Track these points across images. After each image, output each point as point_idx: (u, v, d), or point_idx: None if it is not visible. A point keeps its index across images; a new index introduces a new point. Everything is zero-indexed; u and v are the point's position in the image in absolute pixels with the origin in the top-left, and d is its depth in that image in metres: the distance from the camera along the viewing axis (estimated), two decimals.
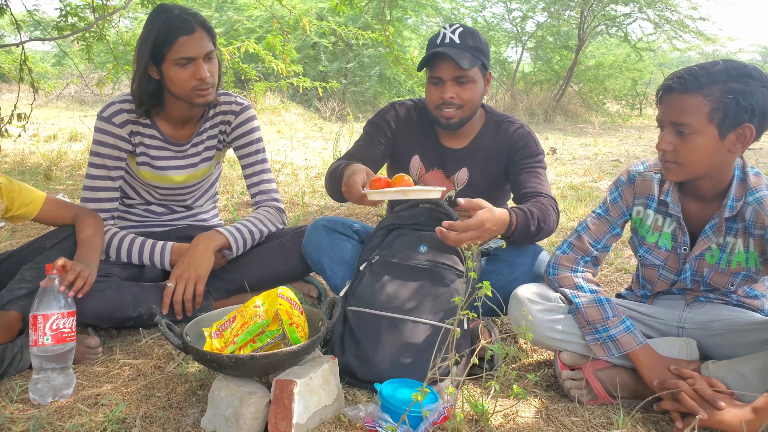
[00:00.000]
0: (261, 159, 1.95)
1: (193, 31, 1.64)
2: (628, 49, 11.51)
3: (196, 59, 1.65)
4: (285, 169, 4.70)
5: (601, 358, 1.44)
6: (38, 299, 1.37)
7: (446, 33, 1.75)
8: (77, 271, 1.46)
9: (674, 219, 1.45)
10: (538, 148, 1.85)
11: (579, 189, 4.29)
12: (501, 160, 1.87)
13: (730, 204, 1.34)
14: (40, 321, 1.34)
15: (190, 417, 1.30)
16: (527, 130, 1.88)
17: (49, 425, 1.25)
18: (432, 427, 1.23)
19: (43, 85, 5.07)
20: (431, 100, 1.80)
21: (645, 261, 1.55)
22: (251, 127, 1.92)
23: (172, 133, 1.84)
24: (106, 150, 1.77)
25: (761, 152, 6.55)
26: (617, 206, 1.55)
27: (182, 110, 1.79)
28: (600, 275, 2.46)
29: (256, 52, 4.70)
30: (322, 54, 10.61)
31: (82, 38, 4.23)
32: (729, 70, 1.23)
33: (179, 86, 1.68)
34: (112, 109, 1.77)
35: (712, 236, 1.39)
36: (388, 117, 1.93)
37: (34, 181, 3.87)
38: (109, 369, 1.53)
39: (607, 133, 8.86)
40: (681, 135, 1.28)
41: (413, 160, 1.92)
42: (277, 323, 1.29)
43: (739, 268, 1.41)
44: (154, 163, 1.84)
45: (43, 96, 8.45)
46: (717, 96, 1.23)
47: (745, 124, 1.25)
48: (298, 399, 1.20)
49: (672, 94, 1.28)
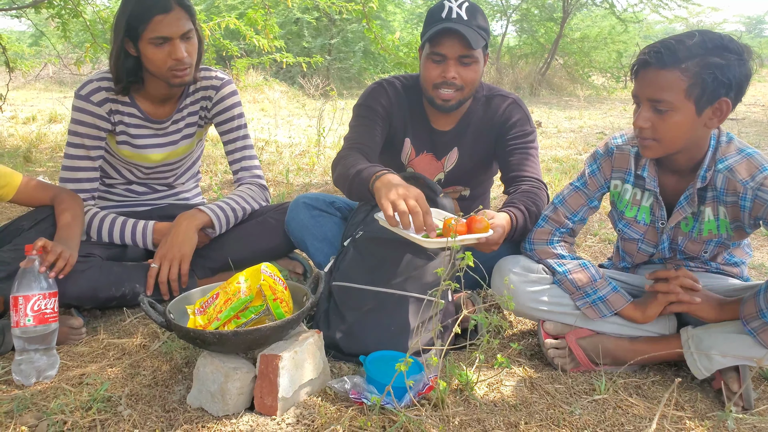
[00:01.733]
0: (243, 135, 1.92)
1: (170, 10, 1.59)
2: (614, 21, 11.44)
3: (172, 39, 1.60)
4: (269, 147, 4.66)
5: (593, 319, 1.47)
6: (18, 280, 1.35)
7: (452, 7, 1.61)
8: (58, 252, 1.44)
9: (651, 193, 1.46)
10: (531, 126, 1.78)
11: (564, 162, 4.31)
12: (491, 138, 1.79)
13: (702, 175, 1.34)
14: (21, 302, 1.33)
15: (176, 394, 1.30)
16: (520, 105, 1.80)
17: (33, 405, 1.24)
18: (416, 397, 1.25)
19: (20, 65, 4.93)
20: (429, 78, 1.66)
21: (624, 235, 1.56)
22: (232, 102, 1.89)
23: (152, 111, 1.80)
24: (85, 129, 1.74)
25: (744, 122, 6.61)
26: (595, 179, 1.55)
27: (161, 88, 1.75)
28: (584, 245, 2.49)
29: (237, 28, 4.59)
30: (305, 30, 10.42)
31: (57, 15, 4.10)
32: (705, 43, 1.21)
33: (156, 65, 1.64)
34: (90, 87, 1.72)
35: (686, 207, 1.40)
36: (382, 100, 1.79)
37: (14, 164, 3.79)
38: (93, 349, 1.52)
39: (592, 106, 8.87)
40: (658, 112, 1.26)
41: (405, 144, 1.84)
42: (260, 299, 1.28)
43: (711, 235, 1.43)
44: (133, 142, 1.81)
45: (21, 77, 8.23)
46: (694, 71, 1.21)
47: (722, 99, 1.23)
48: (283, 373, 1.20)
49: (648, 69, 1.25)
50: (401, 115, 1.81)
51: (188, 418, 1.20)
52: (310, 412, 1.23)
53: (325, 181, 3.66)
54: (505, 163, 1.76)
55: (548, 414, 1.26)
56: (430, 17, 1.67)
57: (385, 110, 1.79)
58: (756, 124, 6.59)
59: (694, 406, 1.33)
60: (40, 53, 10.96)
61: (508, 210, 1.57)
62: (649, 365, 1.48)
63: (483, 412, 1.25)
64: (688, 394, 1.38)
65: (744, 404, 1.30)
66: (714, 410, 1.31)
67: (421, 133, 1.83)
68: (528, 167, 1.72)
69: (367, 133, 1.76)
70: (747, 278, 1.55)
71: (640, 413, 1.28)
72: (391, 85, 1.83)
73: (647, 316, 1.42)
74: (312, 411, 1.23)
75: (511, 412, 1.27)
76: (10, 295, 1.34)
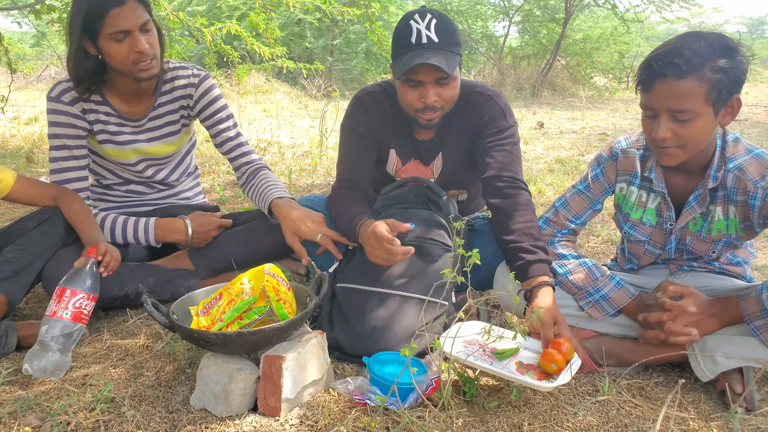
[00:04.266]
0: (233, 124, 1.91)
1: (124, 3, 1.57)
2: (616, 22, 11.43)
3: (131, 32, 1.59)
4: (272, 148, 4.66)
5: (598, 319, 1.46)
6: (73, 274, 1.42)
7: (420, 29, 1.51)
8: (111, 252, 1.54)
9: (659, 195, 1.46)
10: (508, 121, 1.67)
11: (566, 163, 4.30)
12: (470, 137, 1.73)
13: (713, 175, 1.35)
14: (67, 294, 1.38)
15: (180, 395, 1.30)
16: (497, 100, 1.69)
17: (37, 406, 1.24)
18: (420, 398, 1.24)
19: (22, 66, 4.94)
20: (408, 102, 1.59)
21: (630, 237, 1.55)
22: (214, 95, 1.87)
23: (126, 109, 1.80)
24: (62, 130, 1.74)
25: (746, 123, 6.59)
26: (599, 183, 1.54)
27: (130, 84, 1.74)
28: (586, 246, 2.49)
29: (238, 34, 4.60)
30: (307, 30, 10.44)
31: (59, 18, 4.11)
32: (712, 45, 1.21)
33: (119, 61, 1.63)
34: (59, 88, 1.73)
35: (696, 207, 1.40)
36: (363, 119, 1.74)
37: (16, 164, 3.81)
38: (96, 350, 1.52)
39: (594, 106, 8.86)
40: (680, 121, 1.25)
41: (390, 155, 1.80)
42: (264, 300, 1.28)
43: (720, 235, 1.42)
44: (115, 139, 1.80)
45: (23, 78, 8.25)
46: (710, 76, 1.21)
47: (734, 97, 1.26)
48: (286, 374, 1.20)
49: (667, 81, 1.23)
50: (384, 128, 1.76)
51: (191, 419, 1.20)
52: (313, 413, 1.22)
53: (328, 181, 3.66)
54: (482, 164, 1.66)
55: (552, 415, 1.26)
56: (398, 41, 1.56)
57: (367, 129, 1.74)
58: (758, 125, 6.57)
59: (698, 407, 1.33)
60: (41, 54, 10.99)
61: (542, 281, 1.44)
62: (652, 366, 1.48)
63: (486, 413, 1.25)
64: (692, 395, 1.38)
65: (748, 406, 1.29)
66: (718, 412, 1.31)
67: (405, 142, 1.78)
68: (509, 166, 1.62)
69: (354, 163, 1.77)
70: (750, 278, 1.55)
71: (643, 414, 1.28)
72: (371, 97, 1.75)
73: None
74: (315, 412, 1.23)
75: (515, 413, 1.26)
76: (58, 285, 1.40)
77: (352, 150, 1.77)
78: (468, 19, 12.10)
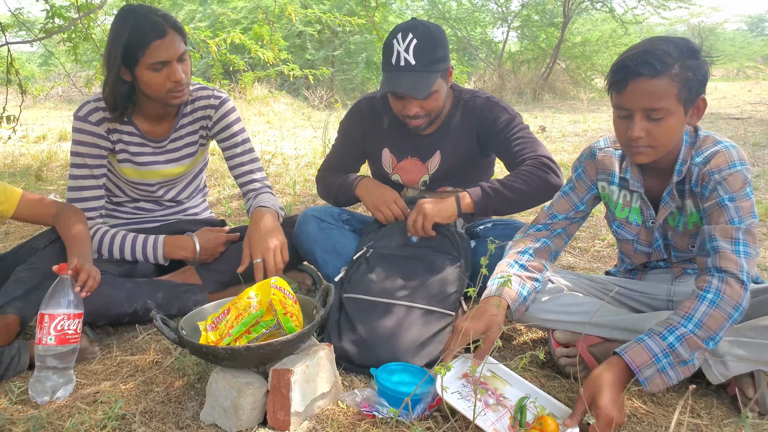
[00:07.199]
0: (249, 148, 1.93)
1: (166, 35, 1.61)
2: (614, 24, 11.46)
3: (170, 62, 1.63)
4: (275, 159, 4.69)
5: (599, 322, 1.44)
6: (48, 297, 1.38)
7: (400, 51, 1.64)
8: (89, 271, 1.47)
9: (638, 194, 1.47)
10: (511, 113, 1.81)
11: (569, 166, 4.30)
12: (471, 137, 1.84)
13: (678, 168, 1.37)
14: (46, 320, 1.35)
15: (189, 410, 1.31)
16: (495, 100, 1.84)
17: (49, 425, 1.25)
18: (428, 410, 1.25)
19: (31, 88, 5.01)
20: (396, 111, 1.78)
21: (619, 236, 1.57)
22: (233, 118, 1.90)
23: (149, 130, 1.83)
24: (86, 149, 1.76)
25: (749, 122, 6.57)
26: (582, 182, 1.56)
27: (157, 108, 1.78)
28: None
29: (243, 43, 4.65)
30: (308, 42, 10.51)
31: (69, 39, 4.18)
32: (680, 47, 1.25)
33: (155, 89, 1.66)
34: (87, 107, 1.75)
35: (670, 202, 1.42)
36: (356, 123, 1.94)
37: (26, 182, 3.84)
38: (107, 366, 1.53)
39: (596, 108, 8.86)
40: (653, 120, 1.27)
41: (384, 154, 1.93)
42: (271, 313, 1.29)
43: (695, 228, 1.43)
44: (135, 159, 1.83)
45: (31, 97, 8.36)
46: (682, 75, 1.24)
47: (700, 97, 1.29)
48: (295, 387, 1.21)
49: (640, 80, 1.25)
50: (376, 128, 1.92)
51: None
52: (323, 426, 1.23)
53: None
54: (508, 158, 1.80)
55: None
56: (383, 57, 1.72)
57: (358, 133, 1.95)
58: (762, 123, 6.55)
59: (710, 412, 1.32)
60: (49, 73, 11.11)
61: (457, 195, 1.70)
62: None
63: None
64: (704, 400, 1.37)
65: (760, 409, 1.29)
66: (730, 417, 1.30)
67: (402, 140, 1.89)
68: (528, 148, 1.73)
69: (339, 158, 2.03)
70: (756, 278, 1.53)
71: (655, 421, 1.28)
72: (368, 102, 1.93)
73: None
74: (325, 425, 1.23)
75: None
76: (39, 311, 1.37)
77: (340, 148, 2.03)
78: (467, 26, 12.16)
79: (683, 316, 1.23)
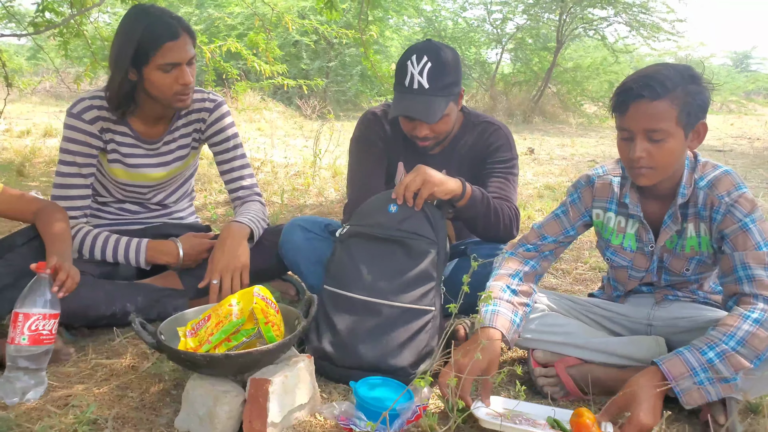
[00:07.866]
0: (240, 154, 1.93)
1: (179, 36, 1.62)
2: (605, 52, 11.71)
3: (180, 64, 1.64)
4: (265, 167, 4.68)
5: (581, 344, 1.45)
6: (24, 296, 1.34)
7: (413, 74, 1.63)
8: (68, 270, 1.43)
9: (636, 219, 1.49)
10: (513, 154, 1.83)
11: (555, 189, 4.36)
12: (475, 161, 1.84)
13: (682, 191, 1.40)
14: (20, 319, 1.32)
15: (164, 417, 1.29)
16: (505, 132, 1.85)
17: (17, 427, 1.22)
18: (406, 426, 1.24)
19: (17, 82, 4.95)
20: (405, 130, 1.76)
21: (613, 263, 1.58)
22: (227, 123, 1.90)
23: (144, 131, 1.82)
24: (76, 147, 1.75)
25: (730, 154, 6.72)
26: (576, 207, 1.58)
27: (157, 110, 1.77)
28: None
29: (238, 51, 4.66)
30: (303, 52, 10.57)
31: (59, 34, 4.14)
32: (681, 73, 1.30)
33: (161, 90, 1.66)
34: (81, 105, 1.74)
35: (672, 225, 1.45)
36: (379, 131, 1.86)
37: (6, 178, 3.78)
38: (81, 369, 1.50)
39: (584, 134, 9.00)
40: (654, 141, 1.31)
41: (399, 168, 1.90)
42: (252, 322, 1.28)
43: (693, 252, 1.46)
44: (125, 161, 1.82)
45: (17, 91, 8.26)
46: (682, 99, 1.29)
47: (700, 122, 1.33)
48: (273, 398, 1.20)
49: (641, 102, 1.29)
50: (396, 143, 1.87)
51: None
52: None
53: (320, 202, 3.68)
54: (483, 187, 1.76)
55: None
56: (396, 75, 1.69)
57: (383, 141, 1.86)
58: (743, 156, 6.71)
59: None
60: (37, 67, 10.99)
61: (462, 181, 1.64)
62: None
63: None
64: (676, 426, 1.38)
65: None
66: None
67: (415, 156, 1.87)
68: (504, 192, 1.75)
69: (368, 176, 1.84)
70: None
71: None
72: (385, 113, 1.87)
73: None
74: None
75: None
76: (13, 309, 1.33)
77: (368, 163, 1.85)
78: (462, 45, 12.32)
79: (725, 333, 1.25)
